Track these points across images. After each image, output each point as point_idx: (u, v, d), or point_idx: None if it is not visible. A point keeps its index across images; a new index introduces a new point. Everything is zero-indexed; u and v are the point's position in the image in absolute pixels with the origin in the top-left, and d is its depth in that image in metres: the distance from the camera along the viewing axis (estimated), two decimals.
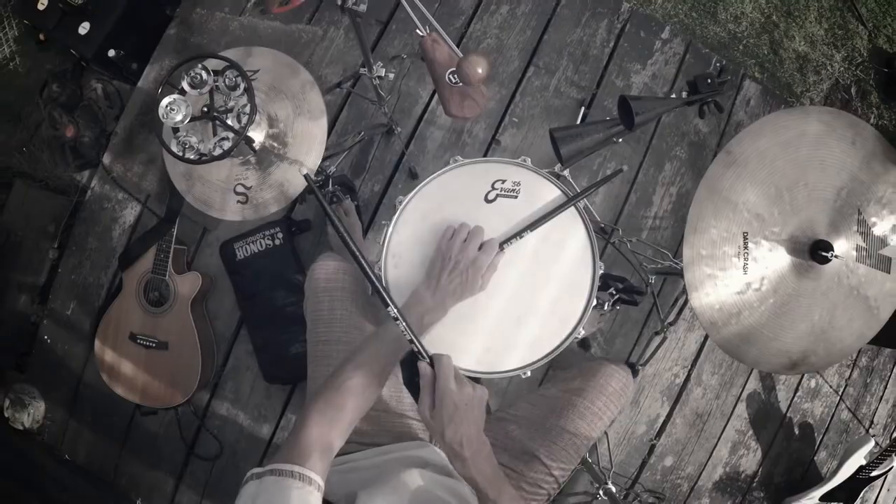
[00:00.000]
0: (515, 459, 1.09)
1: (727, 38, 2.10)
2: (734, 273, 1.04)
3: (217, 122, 0.88)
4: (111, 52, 1.86)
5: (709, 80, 0.99)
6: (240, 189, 0.97)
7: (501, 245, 1.00)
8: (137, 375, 1.78)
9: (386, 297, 0.82)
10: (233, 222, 1.79)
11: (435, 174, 1.05)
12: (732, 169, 1.02)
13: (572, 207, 1.04)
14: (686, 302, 1.47)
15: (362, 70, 1.41)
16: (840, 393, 2.07)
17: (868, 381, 2.08)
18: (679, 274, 1.45)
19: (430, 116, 1.73)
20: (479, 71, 0.83)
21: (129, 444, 1.89)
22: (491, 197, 1.05)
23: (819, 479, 2.02)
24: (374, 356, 0.93)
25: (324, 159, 1.35)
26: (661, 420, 1.85)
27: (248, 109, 0.87)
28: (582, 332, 1.05)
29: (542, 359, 1.03)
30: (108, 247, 1.90)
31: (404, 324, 0.82)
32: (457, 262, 0.96)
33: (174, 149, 0.89)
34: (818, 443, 2.07)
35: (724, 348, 1.08)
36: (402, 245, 1.05)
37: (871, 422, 2.13)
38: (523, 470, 1.08)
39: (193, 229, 1.81)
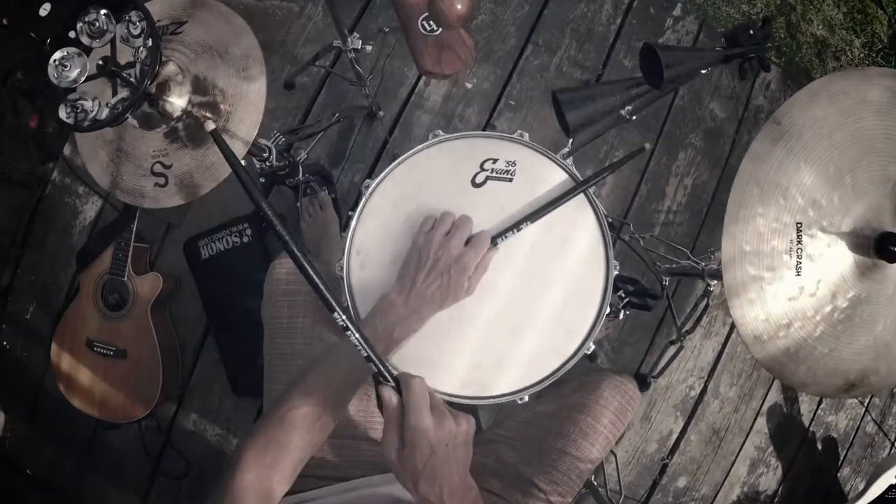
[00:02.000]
0: (508, 487, 0.88)
1: (741, 19, 1.87)
2: (785, 274, 0.79)
3: (116, 79, 0.65)
4: (72, 33, 1.62)
5: (750, 31, 0.75)
6: (158, 168, 0.74)
7: (494, 239, 0.76)
8: (95, 386, 1.55)
9: (329, 299, 0.58)
10: (198, 218, 1.57)
11: (410, 152, 0.82)
12: (782, 144, 0.78)
13: (581, 195, 0.80)
14: (707, 307, 1.23)
15: (336, 43, 1.17)
16: (866, 404, 1.83)
17: (895, 391, 1.84)
18: (698, 275, 1.20)
19: (416, 99, 1.50)
20: (459, 7, 0.60)
21: (93, 459, 1.67)
22: (479, 180, 0.81)
23: (842, 499, 1.79)
24: (327, 379, 0.71)
25: (290, 138, 1.11)
26: (674, 437, 1.61)
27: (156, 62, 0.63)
28: (592, 346, 0.81)
29: (543, 380, 0.80)
30: (69, 245, 1.67)
31: (356, 335, 0.58)
32: (436, 261, 0.73)
33: (63, 114, 0.66)
34: (842, 458, 1.83)
35: (767, 367, 0.84)
36: (369, 239, 0.81)
37: None
38: (518, 499, 0.87)
39: (156, 225, 1.58)
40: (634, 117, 1.03)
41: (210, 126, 0.52)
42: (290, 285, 0.95)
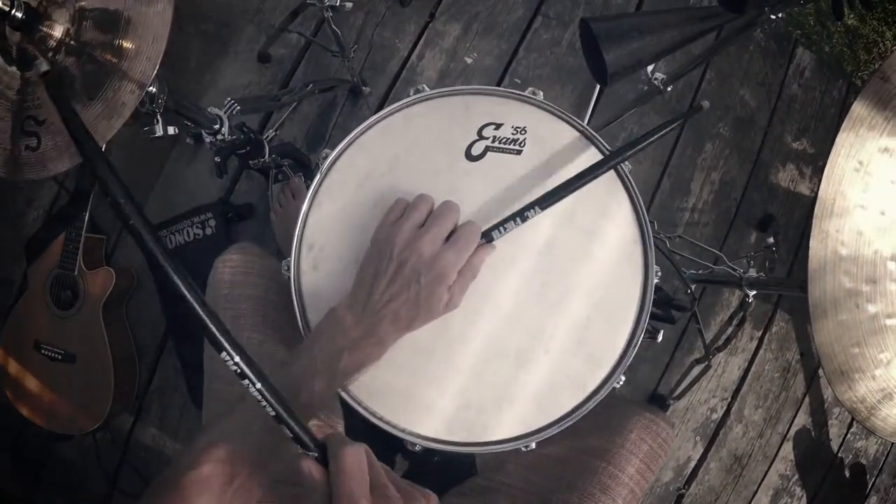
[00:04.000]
0: None
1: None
2: (890, 288, 0.56)
3: None
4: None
5: None
6: (30, 126, 0.50)
7: (488, 233, 0.53)
8: (43, 393, 1.32)
9: (216, 335, 0.36)
10: (159, 206, 1.34)
11: (384, 111, 0.58)
12: (893, 106, 0.55)
13: (612, 173, 0.57)
14: (743, 321, 0.99)
15: None
16: None
17: None
18: (736, 284, 0.97)
19: (408, 74, 1.26)
20: None
21: (47, 472, 1.44)
22: (477, 151, 0.58)
23: None
24: (245, 426, 0.48)
25: (246, 109, 0.88)
26: (692, 464, 1.37)
27: None
28: (622, 380, 0.58)
29: (556, 422, 0.58)
30: (21, 235, 1.44)
31: (256, 387, 0.37)
32: (401, 264, 0.49)
33: None
34: (870, 486, 1.59)
35: (852, 412, 0.60)
36: (325, 230, 0.58)
37: None
38: None
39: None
40: (669, 88, 0.80)
41: (43, 66, 0.30)
42: (234, 289, 0.72)
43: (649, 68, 0.76)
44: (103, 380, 1.27)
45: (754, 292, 0.95)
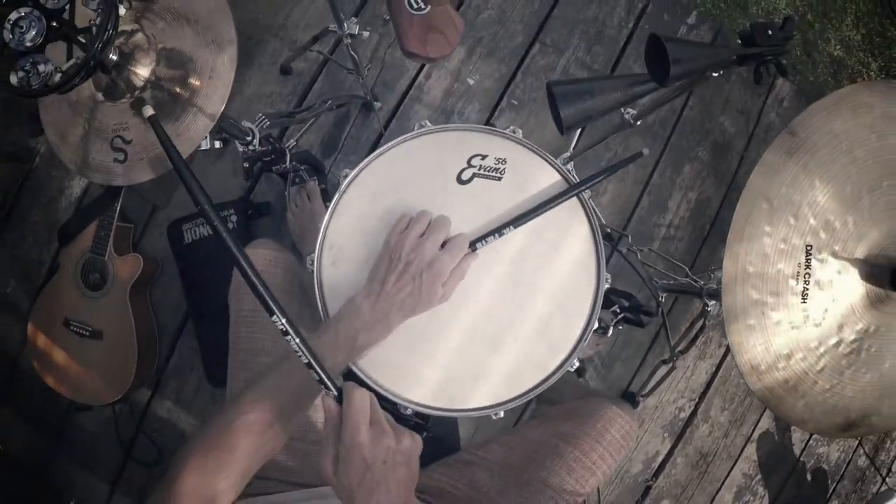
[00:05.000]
0: None
1: None
2: (790, 300, 0.72)
3: (71, 42, 0.58)
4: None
5: (769, 32, 0.68)
6: (118, 143, 0.67)
7: (473, 244, 0.69)
8: (69, 366, 1.49)
9: (267, 301, 0.53)
10: (186, 200, 1.50)
11: (392, 142, 0.75)
12: (797, 157, 0.71)
13: (575, 199, 0.73)
14: (703, 328, 1.15)
15: (332, 27, 1.10)
16: (859, 438, 1.75)
17: None
18: (697, 294, 1.13)
19: (416, 92, 1.42)
20: None
21: (65, 440, 1.60)
22: (466, 177, 0.74)
23: None
24: (281, 385, 0.65)
25: (276, 121, 1.04)
26: (660, 458, 1.53)
27: (110, 26, 0.57)
28: (576, 363, 0.74)
29: (520, 396, 0.73)
30: (53, 220, 1.61)
31: (296, 340, 0.54)
32: (408, 264, 0.66)
33: (14, 79, 0.59)
34: (831, 491, 1.75)
35: (763, 399, 0.76)
36: (343, 234, 0.74)
37: (889, 470, 1.81)
38: None
39: (142, 205, 1.52)
40: (639, 122, 0.96)
41: (148, 111, 0.46)
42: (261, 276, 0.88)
43: None
44: (127, 356, 1.43)
45: (713, 302, 1.11)
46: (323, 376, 0.54)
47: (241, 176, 1.18)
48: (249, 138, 0.99)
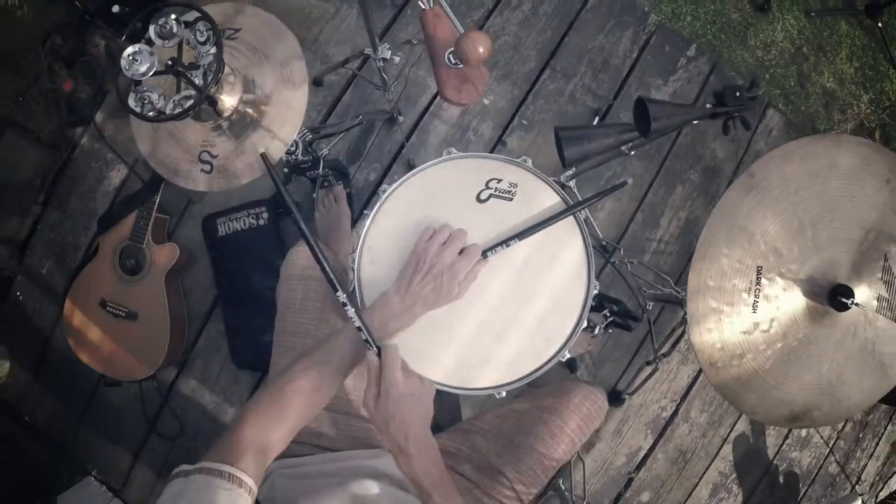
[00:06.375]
0: (479, 474, 1.00)
1: (754, 64, 1.98)
2: (742, 310, 0.91)
3: (181, 78, 0.77)
4: (115, 8, 1.75)
5: (737, 93, 0.87)
6: (205, 157, 0.86)
7: (485, 252, 0.88)
8: (104, 344, 1.66)
9: (333, 280, 0.72)
10: (218, 196, 1.69)
11: (425, 164, 0.94)
12: (753, 194, 0.90)
13: (571, 217, 0.92)
14: (683, 334, 1.35)
15: (367, 51, 1.29)
16: (830, 445, 1.94)
17: (861, 435, 1.95)
18: (679, 303, 1.32)
19: (435, 109, 1.61)
20: (480, 50, 0.72)
21: (91, 413, 1.78)
22: (484, 196, 0.93)
23: None
24: (328, 356, 0.83)
25: (315, 135, 1.23)
26: (642, 453, 1.72)
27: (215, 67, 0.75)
28: (567, 355, 0.93)
29: (519, 379, 0.92)
30: (91, 208, 1.79)
31: (353, 310, 0.75)
32: (432, 266, 0.85)
33: (132, 104, 0.77)
34: (801, 494, 1.94)
35: (720, 391, 0.95)
36: (380, 239, 0.93)
37: (859, 478, 2.00)
38: (487, 485, 0.99)
39: (178, 199, 1.70)
40: (633, 153, 1.15)
41: (260, 150, 0.64)
42: (305, 270, 1.06)
43: None
44: (159, 336, 1.62)
45: None
46: (370, 337, 0.76)
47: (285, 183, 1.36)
48: (293, 149, 1.17)
